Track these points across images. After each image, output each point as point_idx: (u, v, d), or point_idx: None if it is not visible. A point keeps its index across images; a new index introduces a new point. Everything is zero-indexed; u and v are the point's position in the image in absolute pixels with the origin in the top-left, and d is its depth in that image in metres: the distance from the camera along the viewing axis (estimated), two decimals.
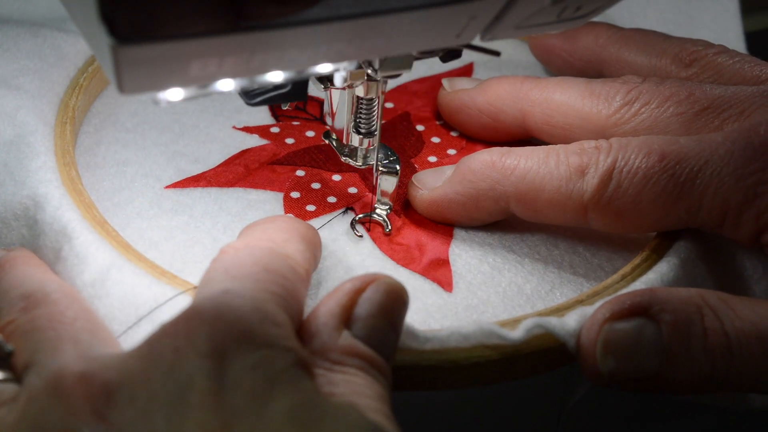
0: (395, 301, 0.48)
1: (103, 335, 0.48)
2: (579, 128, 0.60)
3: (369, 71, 0.55)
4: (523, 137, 0.64)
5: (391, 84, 0.68)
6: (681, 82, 0.59)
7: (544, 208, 0.56)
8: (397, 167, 0.58)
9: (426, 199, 0.59)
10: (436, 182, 0.59)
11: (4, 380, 0.46)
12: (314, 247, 0.52)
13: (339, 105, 0.58)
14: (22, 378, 0.45)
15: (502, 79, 0.64)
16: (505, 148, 0.58)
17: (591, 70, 0.66)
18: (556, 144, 0.58)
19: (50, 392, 0.43)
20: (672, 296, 0.50)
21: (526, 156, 0.57)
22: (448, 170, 0.59)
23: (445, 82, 0.66)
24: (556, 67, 0.69)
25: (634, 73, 0.62)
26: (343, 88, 0.56)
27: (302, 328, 0.47)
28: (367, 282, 0.48)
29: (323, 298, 0.48)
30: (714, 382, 0.50)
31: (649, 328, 0.49)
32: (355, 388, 0.44)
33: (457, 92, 0.65)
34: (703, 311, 0.50)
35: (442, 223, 0.60)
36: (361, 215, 0.59)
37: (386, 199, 0.59)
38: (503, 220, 0.60)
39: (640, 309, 0.50)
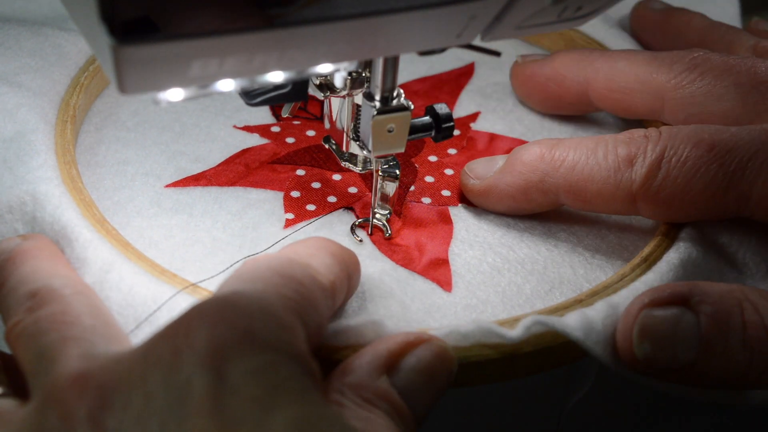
0: (443, 366, 0.48)
1: (111, 331, 0.47)
2: (638, 92, 0.61)
3: (364, 152, 0.56)
4: (585, 111, 0.67)
5: None
6: (747, 57, 0.60)
7: (593, 198, 0.57)
8: (397, 172, 0.58)
9: (477, 189, 0.60)
10: (487, 172, 0.59)
11: (2, 395, 0.45)
12: (346, 265, 0.51)
13: (338, 113, 0.58)
14: (29, 387, 0.45)
15: (570, 50, 0.66)
16: (555, 140, 0.59)
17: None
18: (617, 111, 0.62)
19: (48, 397, 0.42)
20: (712, 289, 0.50)
21: (575, 147, 0.57)
22: (500, 160, 0.60)
23: (518, 57, 0.68)
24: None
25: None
26: (343, 97, 0.56)
27: (344, 363, 0.47)
28: (421, 339, 0.48)
29: (373, 342, 0.48)
30: (750, 378, 0.49)
31: (688, 318, 0.49)
32: (376, 427, 0.43)
33: (527, 63, 0.67)
34: (743, 305, 0.49)
35: (499, 212, 0.60)
36: (360, 219, 0.59)
37: (386, 204, 0.59)
38: (503, 219, 0.60)
39: (680, 298, 0.50)
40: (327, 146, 0.60)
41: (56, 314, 0.46)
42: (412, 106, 0.55)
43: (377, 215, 0.59)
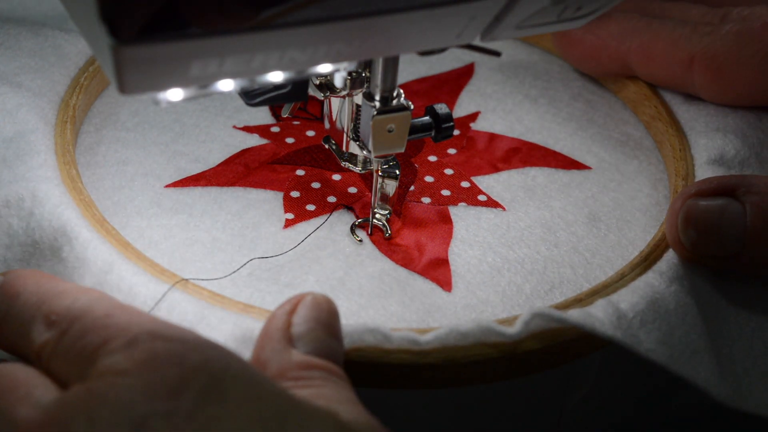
0: (326, 311, 0.47)
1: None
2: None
3: (364, 152, 0.56)
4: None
5: None
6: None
7: (658, 57, 0.62)
8: (397, 172, 0.58)
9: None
10: None
11: None
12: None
13: (338, 113, 0.58)
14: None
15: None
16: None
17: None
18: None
19: None
20: (760, 180, 0.52)
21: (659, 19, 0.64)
22: None
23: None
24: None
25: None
26: (343, 97, 0.56)
27: (254, 360, 0.46)
28: (294, 303, 0.47)
29: (261, 332, 0.47)
30: None
31: (734, 207, 0.52)
32: (326, 398, 0.42)
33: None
34: None
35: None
36: (360, 219, 0.59)
37: (386, 204, 0.59)
38: (503, 219, 0.60)
39: (727, 189, 0.52)
40: (327, 146, 0.60)
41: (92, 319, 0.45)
42: (412, 106, 0.55)
43: (377, 215, 0.59)
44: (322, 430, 0.40)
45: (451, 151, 0.65)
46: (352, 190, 0.61)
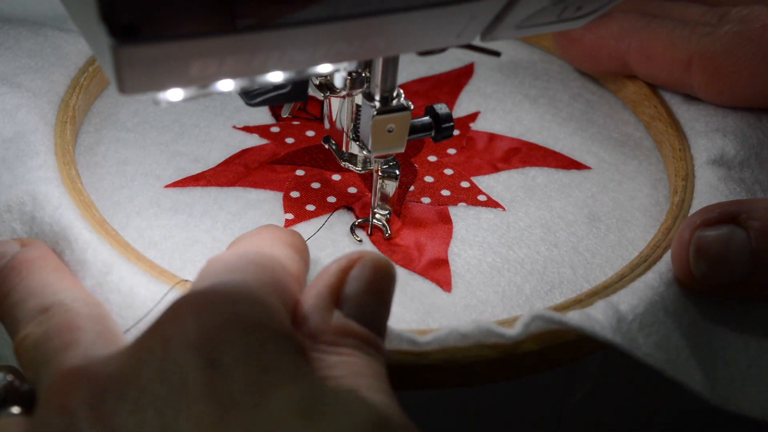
0: (383, 276, 0.47)
1: (112, 337, 0.47)
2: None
3: (364, 152, 0.56)
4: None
5: None
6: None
7: (657, 57, 0.62)
8: (397, 172, 0.58)
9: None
10: None
11: (20, 414, 0.45)
12: (302, 252, 0.51)
13: (338, 113, 0.58)
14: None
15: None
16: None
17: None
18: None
19: (45, 396, 0.42)
20: (758, 205, 0.53)
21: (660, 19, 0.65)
22: None
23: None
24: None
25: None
26: (343, 97, 0.56)
27: (293, 314, 0.46)
28: (353, 260, 0.47)
29: (311, 282, 0.47)
30: None
31: (738, 234, 0.52)
32: (353, 368, 0.43)
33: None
34: None
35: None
36: (360, 220, 0.59)
37: (386, 204, 0.59)
38: (503, 219, 0.60)
39: (729, 217, 0.52)
40: (327, 146, 0.60)
41: (62, 323, 0.47)
42: (412, 106, 0.55)
43: (377, 215, 0.59)
44: (355, 426, 0.39)
45: (451, 151, 0.65)
46: (352, 190, 0.61)
